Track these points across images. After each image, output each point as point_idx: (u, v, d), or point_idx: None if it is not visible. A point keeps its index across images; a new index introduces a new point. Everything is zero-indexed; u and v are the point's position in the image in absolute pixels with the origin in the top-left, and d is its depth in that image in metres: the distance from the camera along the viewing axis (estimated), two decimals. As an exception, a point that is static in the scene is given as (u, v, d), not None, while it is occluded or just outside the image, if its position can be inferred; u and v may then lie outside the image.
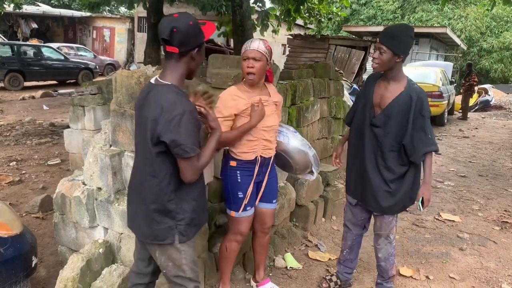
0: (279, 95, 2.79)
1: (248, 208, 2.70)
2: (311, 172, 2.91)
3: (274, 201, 2.85)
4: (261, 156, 2.65)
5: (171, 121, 1.82)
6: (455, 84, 14.04)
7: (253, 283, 3.11)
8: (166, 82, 1.94)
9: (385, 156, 2.68)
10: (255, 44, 2.52)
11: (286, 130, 2.82)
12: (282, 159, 2.84)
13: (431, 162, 2.70)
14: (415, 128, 2.59)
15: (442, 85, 11.23)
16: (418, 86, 2.68)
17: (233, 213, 2.70)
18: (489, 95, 16.80)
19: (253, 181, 2.67)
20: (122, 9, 27.01)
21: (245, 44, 2.58)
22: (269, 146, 2.68)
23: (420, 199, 2.69)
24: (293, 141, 2.76)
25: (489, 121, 13.22)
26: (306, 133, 4.80)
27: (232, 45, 13.91)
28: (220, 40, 16.21)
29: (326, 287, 3.16)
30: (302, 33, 16.53)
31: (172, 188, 1.96)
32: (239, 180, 2.65)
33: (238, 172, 2.64)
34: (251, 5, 9.19)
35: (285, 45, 16.51)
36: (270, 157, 2.72)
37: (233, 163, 2.65)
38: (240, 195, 2.66)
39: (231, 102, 2.55)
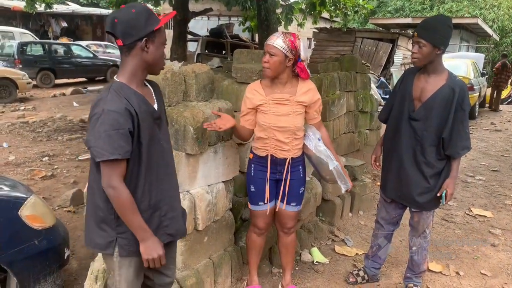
0: (311, 94, 2.60)
1: (260, 203, 2.69)
2: (340, 186, 2.77)
3: (293, 204, 2.72)
4: (272, 155, 2.60)
5: (90, 120, 1.69)
6: (486, 76, 13.64)
7: (280, 287, 3.05)
8: (115, 79, 1.79)
9: (425, 151, 2.62)
10: (273, 39, 2.45)
11: (313, 135, 2.67)
12: (311, 162, 2.78)
13: (459, 156, 2.65)
14: (455, 122, 2.55)
15: (473, 77, 10.93)
16: (460, 79, 2.62)
17: (249, 204, 2.78)
18: (523, 87, 16.23)
19: (267, 178, 2.64)
20: (149, 7, 27.32)
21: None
22: (282, 148, 2.58)
23: (444, 192, 2.64)
24: (317, 149, 2.63)
25: (523, 113, 12.79)
26: (332, 127, 4.75)
27: (257, 40, 13.87)
28: (245, 35, 16.20)
29: (353, 282, 3.14)
30: (328, 26, 16.38)
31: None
32: (252, 174, 2.69)
33: (252, 165, 2.69)
34: (276, -1, 9.15)
35: (311, 38, 16.37)
36: (285, 159, 2.61)
37: (250, 156, 2.71)
38: (252, 189, 2.69)
39: (249, 95, 2.59)
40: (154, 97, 1.90)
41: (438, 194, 2.66)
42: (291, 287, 2.96)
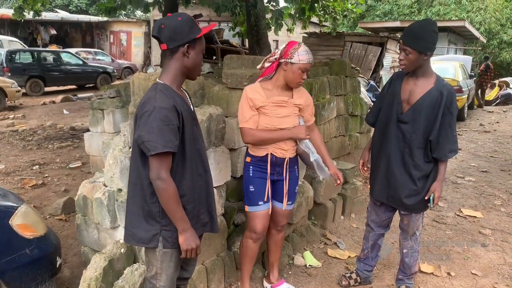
0: (305, 97, 2.73)
1: (260, 203, 2.69)
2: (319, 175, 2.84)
3: (289, 202, 2.81)
4: (272, 154, 2.64)
5: (141, 118, 1.83)
6: (475, 78, 13.84)
7: (266, 285, 3.09)
8: (158, 81, 1.95)
9: (413, 154, 2.65)
10: (312, 57, 2.57)
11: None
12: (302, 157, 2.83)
13: (446, 159, 2.69)
14: (442, 125, 2.58)
15: (462, 79, 11.05)
16: (448, 82, 2.66)
17: (246, 208, 2.76)
18: (510, 88, 16.45)
19: (268, 177, 2.68)
20: (138, 13, 27.31)
21: (305, 54, 2.54)
22: (282, 147, 2.65)
23: (432, 195, 2.66)
24: (303, 143, 2.72)
25: (511, 114, 12.93)
26: (323, 131, 4.78)
27: (247, 45, 13.93)
28: (236, 41, 16.24)
29: (346, 284, 3.15)
30: (317, 31, 16.46)
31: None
32: (251, 174, 2.70)
33: (251, 167, 2.70)
34: (265, 4, 9.19)
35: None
36: (284, 158, 2.68)
37: (248, 159, 2.73)
38: (251, 189, 2.69)
39: (252, 96, 2.57)
40: (189, 100, 2.09)
41: (426, 198, 2.68)
42: (281, 282, 3.04)
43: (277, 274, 3.06)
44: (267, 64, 2.64)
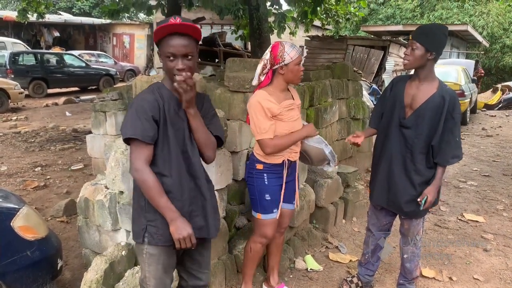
0: (298, 98, 2.78)
1: (274, 211, 2.69)
2: (328, 164, 2.82)
3: (293, 201, 2.85)
4: (288, 160, 2.65)
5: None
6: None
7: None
8: (159, 81, 2.01)
9: (415, 159, 2.64)
10: (298, 47, 2.57)
11: None
12: (301, 156, 2.84)
13: (448, 165, 2.67)
14: (444, 130, 2.57)
15: (464, 83, 11.04)
16: (450, 88, 2.65)
17: (259, 215, 2.69)
18: (513, 92, 16.40)
19: (284, 184, 2.67)
20: (141, 16, 27.38)
21: (293, 48, 2.52)
22: (295, 150, 2.69)
23: (424, 198, 2.63)
24: (310, 140, 2.72)
25: (513, 119, 12.91)
26: (325, 134, 4.78)
27: (249, 48, 13.95)
28: (238, 44, 16.26)
29: (347, 289, 3.14)
30: (320, 34, 16.46)
31: None
32: (266, 182, 2.64)
33: (265, 174, 2.64)
34: (268, 8, 9.21)
35: (303, 46, 16.47)
36: (295, 160, 2.73)
37: (259, 166, 2.64)
38: (267, 197, 2.64)
39: (268, 105, 2.50)
40: None
41: (419, 200, 2.64)
42: (282, 285, 3.04)
43: (277, 277, 3.06)
44: (262, 78, 2.60)
